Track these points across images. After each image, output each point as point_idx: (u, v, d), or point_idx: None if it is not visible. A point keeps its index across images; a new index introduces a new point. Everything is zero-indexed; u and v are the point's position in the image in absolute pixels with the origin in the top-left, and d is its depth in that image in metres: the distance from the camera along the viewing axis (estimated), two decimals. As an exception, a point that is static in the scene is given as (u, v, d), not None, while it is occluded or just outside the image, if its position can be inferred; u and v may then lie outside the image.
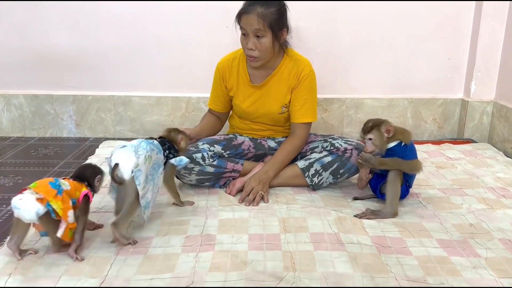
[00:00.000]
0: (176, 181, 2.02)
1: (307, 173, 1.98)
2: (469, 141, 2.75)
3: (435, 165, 2.32)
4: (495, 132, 2.71)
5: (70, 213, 1.37)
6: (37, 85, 2.78)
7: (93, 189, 1.51)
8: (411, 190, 1.95)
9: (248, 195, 1.86)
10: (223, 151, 2.04)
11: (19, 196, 1.33)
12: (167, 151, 1.67)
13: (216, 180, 1.98)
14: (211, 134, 2.12)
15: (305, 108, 2.02)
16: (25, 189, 1.35)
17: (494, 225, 1.67)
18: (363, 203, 1.88)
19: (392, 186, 1.72)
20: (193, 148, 1.96)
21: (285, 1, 1.94)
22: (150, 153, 1.52)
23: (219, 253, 1.46)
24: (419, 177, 2.11)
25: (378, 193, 1.85)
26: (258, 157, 2.15)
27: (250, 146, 2.12)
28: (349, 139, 2.03)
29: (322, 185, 2.00)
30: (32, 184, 1.36)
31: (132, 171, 1.45)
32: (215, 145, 2.01)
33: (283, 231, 1.61)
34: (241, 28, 1.89)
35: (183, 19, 2.67)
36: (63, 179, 1.44)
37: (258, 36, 1.86)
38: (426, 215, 1.76)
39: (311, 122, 2.06)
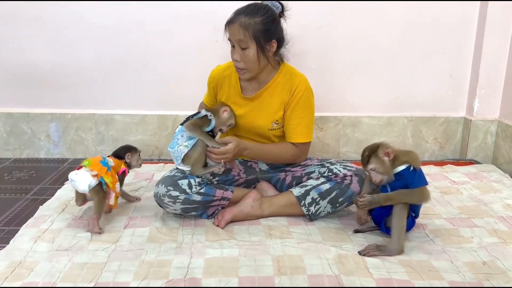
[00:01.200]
0: (159, 210, 1.86)
1: (303, 201, 1.81)
2: (472, 162, 2.61)
3: (440, 190, 2.17)
4: (500, 153, 2.57)
5: (117, 185, 1.75)
6: (12, 102, 2.61)
7: (129, 165, 1.86)
8: (417, 220, 1.79)
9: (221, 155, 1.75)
10: (212, 177, 1.87)
11: (75, 171, 1.68)
12: None
13: (203, 209, 1.81)
14: None
15: (301, 127, 1.87)
16: (81, 167, 1.69)
17: (510, 264, 1.51)
18: (365, 236, 1.71)
19: (398, 220, 1.56)
20: (179, 174, 1.79)
21: (281, 12, 1.82)
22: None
23: (205, 302, 1.28)
24: (424, 205, 1.96)
25: (383, 226, 1.68)
26: (250, 183, 1.98)
27: (240, 171, 1.95)
28: (348, 164, 1.87)
29: (320, 215, 1.83)
30: (86, 162, 1.70)
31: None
32: (202, 171, 1.85)
33: (278, 273, 1.44)
34: (228, 39, 1.79)
35: (170, 34, 2.51)
36: (108, 157, 1.80)
37: (242, 48, 1.75)
38: (435, 251, 1.60)
39: (308, 142, 1.91)
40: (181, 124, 1.80)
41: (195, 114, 1.82)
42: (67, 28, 2.49)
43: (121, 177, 1.81)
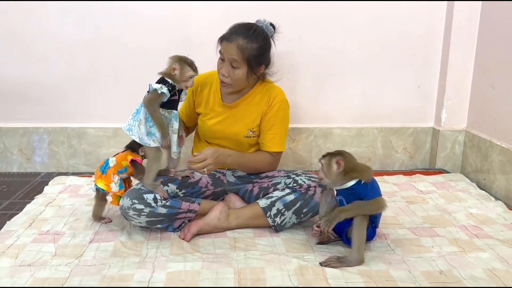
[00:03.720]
0: (125, 223, 1.88)
1: (268, 212, 1.84)
2: (441, 171, 2.66)
3: (406, 200, 2.21)
4: (467, 162, 2.62)
5: (112, 185, 1.80)
6: (-16, 117, 2.60)
7: (143, 157, 1.85)
8: (380, 230, 1.83)
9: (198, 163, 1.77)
10: (177, 190, 1.90)
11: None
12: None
13: (169, 221, 1.82)
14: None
15: (278, 138, 1.98)
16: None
17: (466, 273, 1.54)
18: (328, 247, 1.74)
19: (358, 231, 1.59)
20: (144, 188, 1.80)
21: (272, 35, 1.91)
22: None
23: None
24: (388, 215, 2.01)
25: (344, 237, 1.71)
26: (217, 195, 2.01)
27: (208, 183, 1.98)
28: (313, 176, 1.91)
29: (285, 226, 1.86)
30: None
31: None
32: (169, 184, 1.87)
33: (238, 285, 1.45)
34: (219, 51, 1.85)
35: (141, 47, 2.54)
36: (115, 155, 1.84)
37: (233, 66, 1.82)
38: (394, 260, 1.63)
39: (282, 151, 2.01)
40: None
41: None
42: (38, 43, 2.50)
43: (133, 167, 1.82)
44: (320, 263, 1.60)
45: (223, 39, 1.85)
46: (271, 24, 1.94)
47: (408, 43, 2.62)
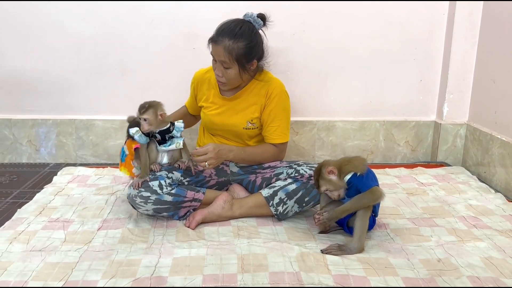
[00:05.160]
0: (132, 212, 1.93)
1: (271, 202, 1.89)
2: (443, 164, 2.69)
3: (406, 192, 2.25)
4: (468, 156, 2.66)
5: (134, 170, 1.93)
6: (-6, 109, 2.67)
7: None
8: (380, 220, 1.88)
9: (200, 156, 1.82)
10: (182, 178, 1.95)
11: None
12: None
13: (175, 209, 1.87)
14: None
15: (280, 129, 2.02)
16: None
17: (463, 261, 1.58)
18: (329, 236, 1.79)
19: (361, 221, 1.63)
20: (150, 176, 1.86)
21: (260, 27, 1.93)
22: None
23: (168, 298, 1.35)
24: (389, 206, 2.06)
25: (346, 227, 1.76)
26: (221, 185, 2.06)
27: (212, 173, 2.03)
28: (314, 165, 1.95)
29: (288, 215, 1.91)
30: None
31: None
32: (173, 172, 1.92)
33: (241, 271, 1.50)
34: (211, 53, 1.90)
35: (147, 41, 2.58)
36: (125, 143, 1.95)
37: (224, 67, 1.87)
38: (393, 249, 1.67)
39: (287, 142, 2.06)
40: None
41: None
42: (47, 36, 2.55)
43: (135, 154, 1.92)
44: (321, 250, 1.65)
45: (211, 41, 1.88)
46: (260, 16, 1.94)
47: (410, 37, 2.65)
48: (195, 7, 2.53)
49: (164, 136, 1.87)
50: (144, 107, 1.82)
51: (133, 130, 1.84)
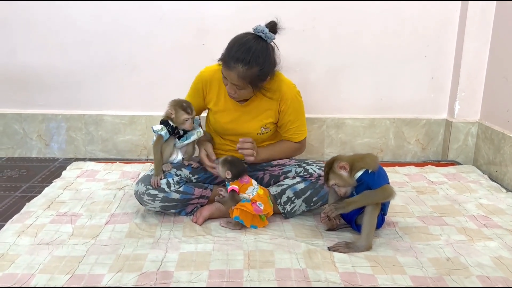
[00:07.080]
0: (140, 207, 1.93)
1: (279, 200, 1.87)
2: (453, 163, 2.66)
3: (416, 190, 2.22)
4: (480, 154, 2.62)
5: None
6: (5, 103, 2.69)
7: None
8: (388, 218, 1.86)
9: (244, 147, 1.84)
10: (191, 175, 1.94)
11: None
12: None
13: (182, 207, 1.87)
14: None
15: (300, 128, 2.00)
16: None
17: (473, 260, 1.56)
18: (337, 233, 1.77)
19: (369, 218, 1.61)
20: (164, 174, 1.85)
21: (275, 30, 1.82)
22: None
23: (174, 293, 1.35)
24: (398, 204, 2.03)
25: (354, 224, 1.74)
26: (229, 182, 2.04)
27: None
28: (323, 165, 1.93)
29: (295, 213, 1.90)
30: None
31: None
32: (182, 169, 1.92)
33: (247, 267, 1.50)
34: (222, 72, 1.80)
35: (157, 37, 2.59)
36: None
37: (237, 88, 1.78)
38: (402, 247, 1.65)
39: (306, 136, 2.06)
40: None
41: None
42: (58, 32, 2.57)
43: None
44: (328, 247, 1.63)
45: (223, 63, 1.77)
46: (271, 25, 1.80)
47: (422, 34, 2.62)
48: (204, 3, 2.53)
49: (184, 131, 1.90)
50: (190, 107, 1.86)
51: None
